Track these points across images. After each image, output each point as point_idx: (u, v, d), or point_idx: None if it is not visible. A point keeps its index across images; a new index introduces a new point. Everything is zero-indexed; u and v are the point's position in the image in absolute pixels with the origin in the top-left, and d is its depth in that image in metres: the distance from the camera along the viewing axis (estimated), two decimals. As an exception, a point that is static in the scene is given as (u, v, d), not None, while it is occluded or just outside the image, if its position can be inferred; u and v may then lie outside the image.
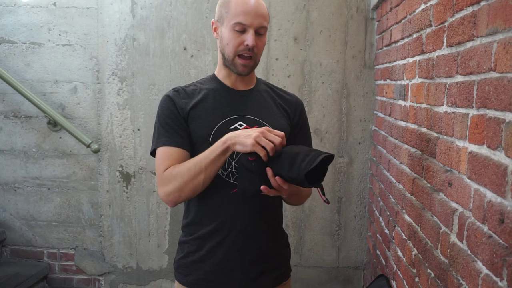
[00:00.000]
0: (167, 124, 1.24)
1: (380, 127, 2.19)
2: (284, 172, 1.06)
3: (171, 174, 1.20)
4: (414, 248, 1.42)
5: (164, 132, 1.24)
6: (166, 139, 1.23)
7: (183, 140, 1.24)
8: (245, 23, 1.19)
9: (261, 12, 1.21)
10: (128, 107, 2.53)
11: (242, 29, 1.20)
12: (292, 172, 1.04)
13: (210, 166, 1.15)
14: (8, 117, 2.59)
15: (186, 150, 1.24)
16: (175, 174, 1.19)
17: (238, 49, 1.21)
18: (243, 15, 1.18)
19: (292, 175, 1.04)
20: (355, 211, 2.52)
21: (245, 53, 1.22)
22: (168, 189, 1.20)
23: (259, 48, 1.23)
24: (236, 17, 1.19)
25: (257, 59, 1.26)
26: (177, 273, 1.34)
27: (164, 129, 1.25)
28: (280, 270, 1.34)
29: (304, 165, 1.02)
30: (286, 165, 1.05)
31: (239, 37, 1.20)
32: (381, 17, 2.21)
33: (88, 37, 2.50)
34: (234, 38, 1.20)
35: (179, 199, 1.21)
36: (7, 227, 2.65)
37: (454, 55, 1.13)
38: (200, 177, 1.17)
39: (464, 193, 1.03)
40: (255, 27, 1.20)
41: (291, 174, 1.04)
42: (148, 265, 2.62)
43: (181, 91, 1.30)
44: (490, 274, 0.86)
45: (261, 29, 1.22)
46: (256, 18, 1.19)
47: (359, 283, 2.57)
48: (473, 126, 0.99)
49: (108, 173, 2.57)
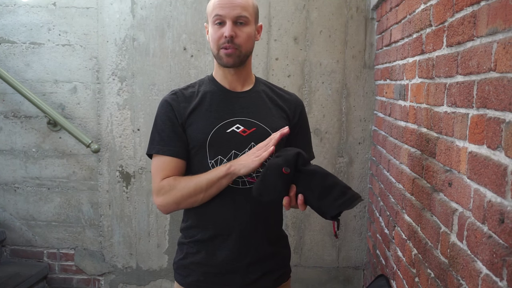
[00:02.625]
0: (163, 131, 1.26)
1: (380, 127, 2.19)
2: (312, 197, 1.06)
3: (169, 185, 1.22)
4: (414, 248, 1.42)
5: (159, 140, 1.26)
6: (160, 147, 1.25)
7: (178, 148, 1.25)
8: (221, 14, 1.20)
9: (238, 2, 1.21)
10: (128, 107, 2.53)
11: (221, 21, 1.21)
12: (323, 202, 1.05)
13: (211, 188, 1.19)
14: (8, 117, 2.59)
15: (181, 158, 1.26)
16: (174, 187, 1.22)
17: (219, 42, 1.22)
18: (219, 8, 1.21)
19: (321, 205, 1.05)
20: (355, 211, 2.52)
21: (225, 46, 1.21)
22: (165, 200, 1.23)
23: (240, 38, 1.22)
24: (214, 11, 1.22)
25: (242, 49, 1.23)
26: (177, 274, 1.34)
27: (160, 136, 1.26)
28: (280, 271, 1.34)
29: (339, 203, 1.03)
30: (317, 191, 1.06)
31: (219, 31, 1.22)
32: (381, 17, 2.21)
33: (88, 37, 2.50)
34: (215, 32, 1.22)
35: (176, 209, 1.26)
36: (7, 227, 2.65)
37: (454, 55, 1.13)
38: (199, 196, 1.21)
39: (464, 193, 1.03)
40: (232, 18, 1.20)
41: (320, 203, 1.05)
42: (148, 265, 2.62)
43: (180, 94, 1.29)
44: (490, 274, 0.86)
45: (241, 18, 1.21)
46: (232, 9, 1.20)
47: (359, 283, 2.57)
48: (473, 126, 0.99)
49: (108, 173, 2.57)
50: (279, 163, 1.08)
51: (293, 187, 1.09)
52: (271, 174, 1.09)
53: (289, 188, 1.10)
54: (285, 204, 1.11)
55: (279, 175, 1.07)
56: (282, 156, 1.10)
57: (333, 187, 1.05)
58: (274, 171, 1.08)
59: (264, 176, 1.10)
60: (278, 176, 1.07)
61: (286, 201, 1.10)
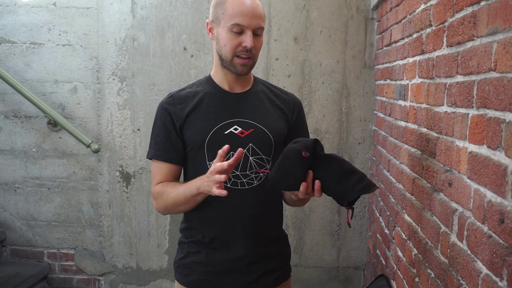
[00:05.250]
0: (158, 136, 1.29)
1: (380, 127, 2.19)
2: (331, 182, 1.05)
3: (159, 192, 1.28)
4: (414, 248, 1.42)
5: (154, 144, 1.30)
6: (156, 152, 1.30)
7: (171, 154, 1.28)
8: (243, 24, 1.18)
9: (259, 13, 1.20)
10: (128, 107, 2.53)
11: (240, 30, 1.19)
12: (342, 186, 1.04)
13: (189, 203, 1.23)
14: (8, 117, 2.59)
15: (176, 163, 1.30)
16: (161, 195, 1.27)
17: (236, 50, 1.20)
18: (241, 16, 1.17)
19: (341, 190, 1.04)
20: (355, 211, 2.52)
21: (243, 54, 1.21)
22: (157, 205, 1.32)
23: (257, 49, 1.23)
24: (233, 19, 1.18)
25: (255, 58, 1.25)
26: (177, 273, 1.34)
27: (155, 141, 1.30)
28: (280, 270, 1.34)
29: (359, 187, 1.02)
30: (337, 176, 1.04)
31: (236, 38, 1.19)
32: (381, 17, 2.21)
33: (88, 37, 2.50)
34: (232, 40, 1.20)
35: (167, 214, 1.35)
36: (7, 227, 2.65)
37: (454, 55, 1.13)
38: (181, 208, 1.27)
39: (464, 193, 1.03)
40: (252, 28, 1.19)
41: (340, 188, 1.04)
42: (148, 265, 2.62)
43: (176, 97, 1.29)
44: (490, 274, 0.86)
45: (259, 29, 1.21)
46: (253, 19, 1.19)
47: (359, 283, 2.57)
48: (473, 126, 0.99)
49: (108, 173, 2.57)
50: (298, 148, 1.05)
51: (310, 173, 1.06)
52: (290, 160, 1.06)
53: (307, 174, 1.07)
54: (301, 190, 1.07)
55: (299, 160, 1.05)
56: (300, 142, 1.08)
57: (352, 172, 1.04)
58: (293, 156, 1.05)
59: (282, 163, 1.08)
60: (297, 161, 1.05)
61: (303, 187, 1.06)
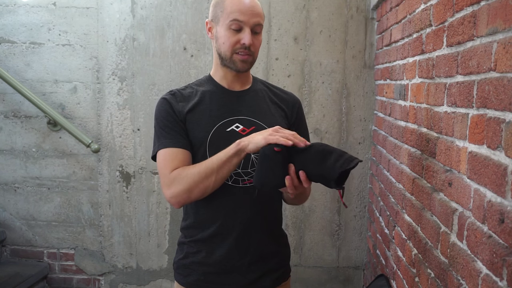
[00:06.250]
0: (167, 126, 1.24)
1: (380, 127, 2.19)
2: (313, 167, 1.04)
3: (180, 175, 1.18)
4: (414, 248, 1.42)
5: (166, 134, 1.23)
6: (168, 141, 1.22)
7: (185, 141, 1.23)
8: (241, 20, 1.18)
9: (257, 11, 1.21)
10: (128, 107, 2.53)
11: (238, 27, 1.19)
12: (323, 168, 1.02)
13: (222, 169, 1.14)
14: (8, 117, 2.59)
15: (189, 151, 1.24)
16: (184, 175, 1.17)
17: (234, 47, 1.21)
18: (239, 13, 1.18)
19: (323, 172, 1.02)
20: (355, 211, 2.52)
21: (241, 52, 1.21)
22: (176, 190, 1.18)
23: (255, 46, 1.23)
24: (231, 15, 1.19)
25: (255, 56, 1.26)
26: (177, 274, 1.34)
27: (165, 131, 1.24)
28: (280, 270, 1.34)
29: (339, 164, 1.01)
30: (316, 160, 1.03)
31: (235, 36, 1.20)
32: (381, 17, 2.21)
33: (88, 37, 2.50)
34: (230, 37, 1.20)
35: (188, 200, 1.20)
36: (7, 227, 2.65)
37: (454, 55, 1.13)
38: (211, 179, 1.15)
39: (464, 193, 1.03)
40: (251, 25, 1.20)
41: (321, 171, 1.03)
42: (148, 265, 2.62)
43: (178, 94, 1.29)
44: (490, 274, 0.86)
45: (257, 27, 1.21)
46: (252, 16, 1.19)
47: (359, 283, 2.57)
48: (473, 126, 0.99)
49: (108, 173, 2.57)
50: (269, 145, 1.06)
51: (291, 166, 1.07)
52: (266, 158, 1.07)
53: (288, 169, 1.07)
54: (288, 185, 1.06)
55: (273, 157, 1.05)
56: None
57: (331, 152, 1.04)
58: (268, 154, 1.06)
59: (259, 164, 1.09)
60: (272, 158, 1.06)
61: (288, 181, 1.06)
